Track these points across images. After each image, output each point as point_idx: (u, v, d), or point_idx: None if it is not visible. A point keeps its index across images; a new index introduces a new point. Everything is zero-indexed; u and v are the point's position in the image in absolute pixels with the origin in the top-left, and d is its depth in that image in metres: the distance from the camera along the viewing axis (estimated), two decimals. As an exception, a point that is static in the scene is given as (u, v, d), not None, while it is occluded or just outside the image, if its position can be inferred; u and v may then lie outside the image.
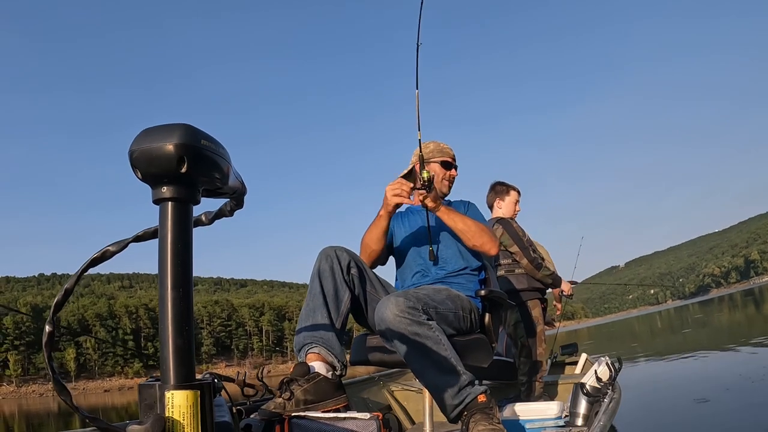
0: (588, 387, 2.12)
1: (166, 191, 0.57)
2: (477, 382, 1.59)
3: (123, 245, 0.61)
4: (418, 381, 1.87)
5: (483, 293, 1.91)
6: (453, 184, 2.16)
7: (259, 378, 1.32)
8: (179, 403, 0.55)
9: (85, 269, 0.60)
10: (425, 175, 1.82)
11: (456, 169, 2.16)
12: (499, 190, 3.58)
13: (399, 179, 1.86)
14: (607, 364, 2.32)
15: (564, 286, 3.56)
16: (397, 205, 1.87)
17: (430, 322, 1.57)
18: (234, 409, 0.99)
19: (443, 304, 1.70)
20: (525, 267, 3.33)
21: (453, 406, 1.53)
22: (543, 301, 3.48)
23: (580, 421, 2.06)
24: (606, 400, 2.07)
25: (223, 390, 0.89)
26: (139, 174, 0.56)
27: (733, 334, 11.08)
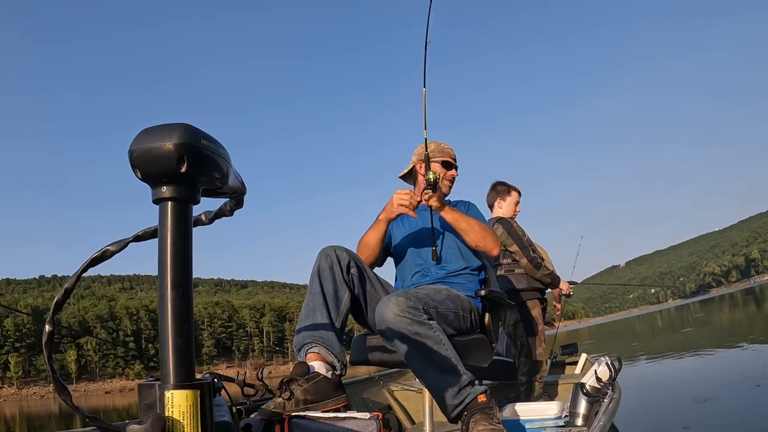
0: (588, 387, 2.12)
1: (165, 191, 0.57)
2: (477, 382, 1.59)
3: (123, 245, 0.61)
4: (418, 381, 1.88)
5: (483, 293, 1.91)
6: (453, 184, 2.17)
7: (259, 378, 1.32)
8: (179, 403, 0.55)
9: (85, 269, 0.60)
10: (431, 176, 1.84)
11: (456, 169, 2.16)
12: (500, 190, 3.58)
13: (409, 191, 1.87)
14: (607, 364, 2.32)
15: (562, 285, 3.56)
16: (400, 215, 1.90)
17: (430, 321, 1.57)
18: (234, 409, 0.99)
19: (443, 304, 1.70)
20: (524, 266, 3.33)
21: (453, 405, 1.53)
22: (542, 301, 3.49)
23: (580, 421, 2.06)
24: (606, 400, 2.07)
25: (223, 390, 0.89)
26: (139, 174, 0.56)
27: (734, 333, 11.07)
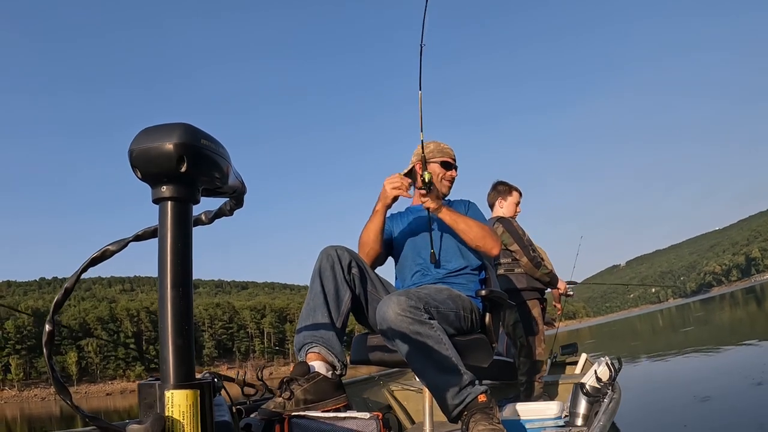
0: (588, 387, 2.12)
1: (165, 190, 0.56)
2: (477, 381, 1.59)
3: (123, 244, 0.61)
4: (418, 381, 1.88)
5: (484, 293, 1.90)
6: (453, 184, 2.16)
7: (259, 377, 1.32)
8: (179, 403, 0.55)
9: (85, 268, 0.60)
10: (426, 176, 1.83)
11: (456, 170, 2.15)
12: (502, 189, 3.59)
13: (398, 174, 1.86)
14: (607, 364, 2.32)
15: (560, 285, 3.57)
16: (395, 199, 1.85)
17: (431, 321, 1.57)
18: (234, 409, 0.99)
19: (444, 303, 1.70)
20: (524, 266, 3.33)
21: (453, 405, 1.53)
22: (542, 301, 3.49)
23: (579, 421, 2.05)
24: (606, 400, 2.07)
25: (223, 389, 0.89)
26: (139, 173, 0.56)
27: (735, 331, 11.07)
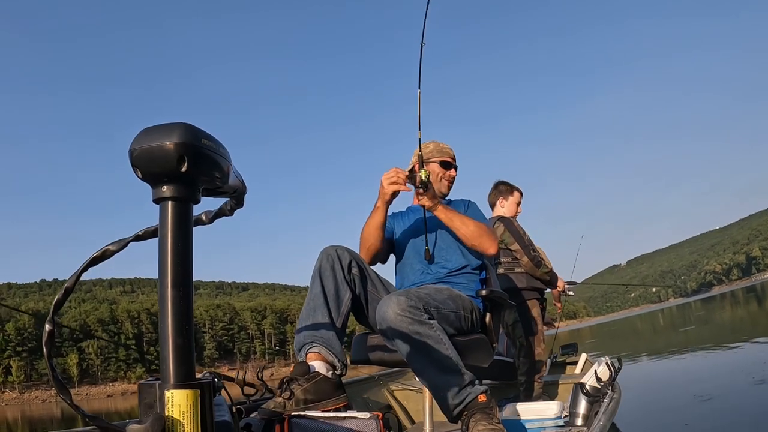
0: (588, 387, 2.11)
1: (166, 190, 0.56)
2: (477, 381, 1.59)
3: (123, 244, 0.62)
4: (418, 381, 1.87)
5: (484, 293, 1.90)
6: (453, 184, 2.16)
7: (259, 377, 1.32)
8: (179, 402, 0.55)
9: (86, 268, 0.60)
10: (423, 175, 1.83)
11: (456, 169, 2.15)
12: (503, 189, 3.59)
13: (395, 168, 1.80)
14: (607, 363, 2.32)
15: (559, 283, 3.57)
16: (395, 195, 1.82)
17: (431, 321, 1.57)
18: (234, 409, 1.00)
19: (444, 303, 1.70)
20: (525, 265, 3.34)
21: (453, 405, 1.53)
22: (542, 301, 3.49)
23: (579, 421, 2.05)
24: (606, 400, 2.07)
25: (223, 389, 0.89)
26: (140, 173, 0.56)
27: (736, 331, 11.07)
